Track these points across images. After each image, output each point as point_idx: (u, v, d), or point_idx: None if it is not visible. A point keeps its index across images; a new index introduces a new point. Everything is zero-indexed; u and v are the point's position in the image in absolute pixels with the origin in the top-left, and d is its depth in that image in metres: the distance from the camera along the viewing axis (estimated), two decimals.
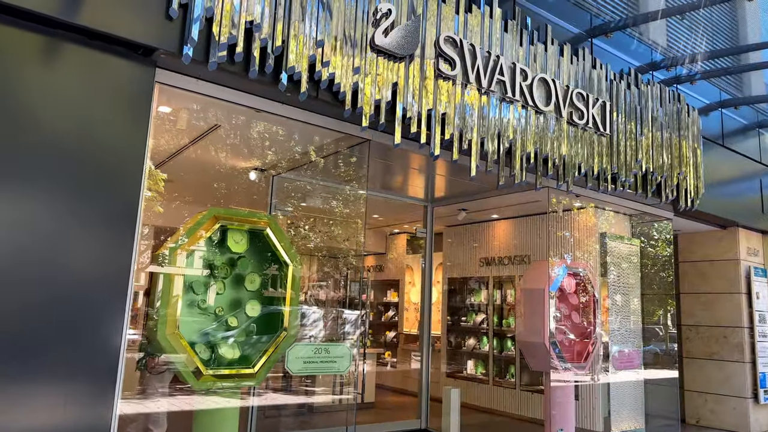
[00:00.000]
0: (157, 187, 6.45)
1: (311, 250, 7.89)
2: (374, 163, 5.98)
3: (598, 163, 5.92)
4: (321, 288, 7.89)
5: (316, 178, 5.84)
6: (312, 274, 7.98)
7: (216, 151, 5.51)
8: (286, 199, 6.17)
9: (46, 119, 3.17)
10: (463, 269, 9.52)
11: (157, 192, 6.15)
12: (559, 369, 6.30)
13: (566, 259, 7.41)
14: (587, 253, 7.49)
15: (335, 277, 7.88)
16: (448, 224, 9.75)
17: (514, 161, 5.19)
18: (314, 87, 3.95)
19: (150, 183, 6.67)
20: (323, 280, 7.96)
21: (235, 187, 6.40)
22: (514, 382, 8.33)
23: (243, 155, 5.64)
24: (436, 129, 4.56)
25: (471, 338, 9.27)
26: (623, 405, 7.28)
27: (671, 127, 6.86)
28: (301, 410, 7.84)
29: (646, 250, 8.09)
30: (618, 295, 7.48)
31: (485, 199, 7.39)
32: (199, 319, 4.18)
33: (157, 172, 6.50)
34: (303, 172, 5.88)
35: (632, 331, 7.56)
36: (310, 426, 7.39)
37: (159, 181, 6.49)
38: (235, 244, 4.32)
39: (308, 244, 7.70)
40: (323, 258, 8.07)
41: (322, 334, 6.63)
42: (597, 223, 7.54)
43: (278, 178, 6.08)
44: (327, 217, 6.72)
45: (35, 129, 3.13)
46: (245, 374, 4.15)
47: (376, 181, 7.09)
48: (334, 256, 7.51)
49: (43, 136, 3.15)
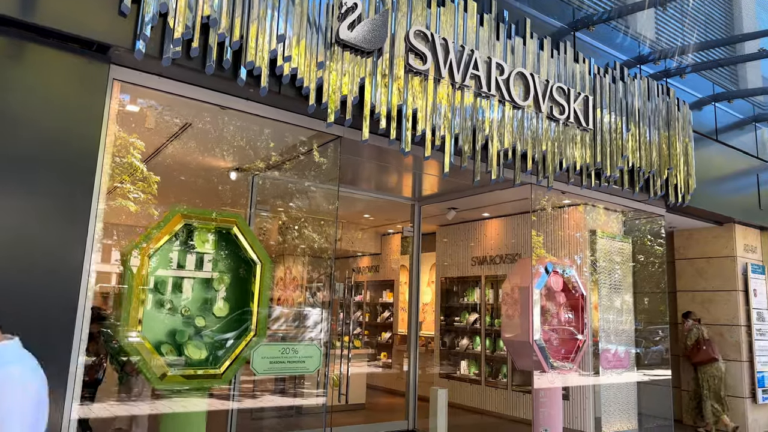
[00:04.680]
0: (151, 189, 6.42)
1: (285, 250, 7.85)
2: (355, 162, 5.92)
3: (580, 159, 5.81)
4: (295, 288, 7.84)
5: (291, 178, 5.78)
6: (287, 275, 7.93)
7: (189, 150, 5.47)
8: (264, 199, 6.13)
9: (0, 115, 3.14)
10: (456, 269, 9.43)
11: (150, 194, 6.11)
12: (545, 368, 6.18)
13: (552, 257, 7.30)
14: (576, 252, 7.37)
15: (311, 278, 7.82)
16: (441, 224, 9.66)
17: (491, 157, 5.10)
18: (276, 82, 3.89)
19: (143, 185, 6.64)
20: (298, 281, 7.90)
21: (216, 187, 6.37)
22: (507, 382, 8.22)
23: (216, 154, 5.60)
24: (407, 125, 4.48)
25: (464, 338, 9.17)
26: (615, 405, 7.15)
27: (660, 121, 6.73)
28: (289, 412, 7.79)
29: (639, 248, 7.95)
30: (609, 294, 7.36)
31: (473, 197, 7.30)
32: (166, 319, 4.13)
33: (150, 174, 6.48)
34: (280, 172, 5.83)
35: (623, 330, 7.42)
36: (298, 427, 7.32)
37: (152, 184, 6.45)
38: (202, 243, 4.27)
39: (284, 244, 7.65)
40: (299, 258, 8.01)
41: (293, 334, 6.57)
42: (587, 221, 7.42)
43: (256, 178, 6.03)
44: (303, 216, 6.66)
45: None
46: (211, 375, 4.10)
47: (361, 180, 7.03)
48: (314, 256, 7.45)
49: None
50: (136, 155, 6.35)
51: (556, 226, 7.67)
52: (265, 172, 5.96)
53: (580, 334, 6.75)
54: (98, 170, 3.43)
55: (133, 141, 6.26)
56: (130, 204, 6.38)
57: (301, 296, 7.91)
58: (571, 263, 6.98)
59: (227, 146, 5.31)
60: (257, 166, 5.79)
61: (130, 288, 3.88)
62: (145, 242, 3.93)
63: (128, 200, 6.40)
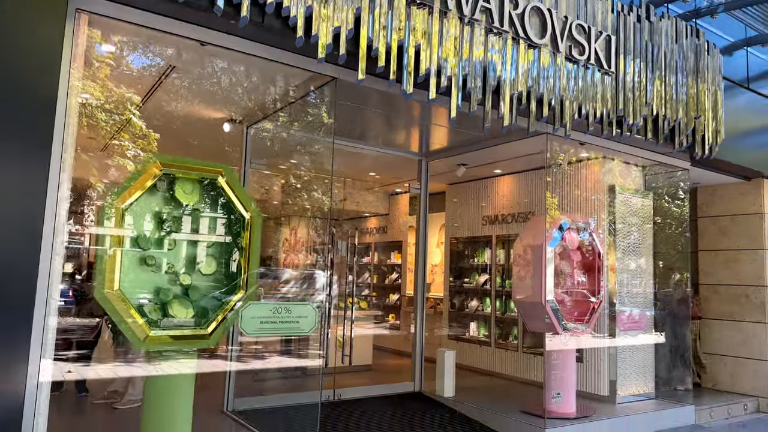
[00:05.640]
0: (151, 147, 6.05)
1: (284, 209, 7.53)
2: (355, 111, 5.50)
3: (601, 105, 5.33)
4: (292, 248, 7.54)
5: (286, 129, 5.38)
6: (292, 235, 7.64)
7: (176, 99, 5.09)
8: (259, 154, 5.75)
9: None
10: (466, 229, 9.06)
11: (151, 152, 5.75)
12: (557, 330, 5.87)
13: (568, 214, 6.89)
14: (594, 209, 6.95)
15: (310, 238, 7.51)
16: (451, 182, 9.25)
17: (503, 102, 4.65)
18: (259, 12, 3.46)
19: (143, 143, 6.25)
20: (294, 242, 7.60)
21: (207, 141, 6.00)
22: (517, 344, 7.95)
23: (205, 103, 5.21)
24: (409, 64, 4.05)
25: (474, 300, 8.88)
26: (631, 368, 6.84)
27: (688, 66, 6.19)
28: (295, 373, 7.61)
29: (661, 205, 7.50)
30: (627, 253, 6.96)
31: (484, 151, 6.85)
32: (149, 277, 3.83)
33: (150, 132, 6.10)
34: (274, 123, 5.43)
35: (642, 290, 7.05)
36: (303, 388, 7.14)
37: (152, 141, 6.09)
38: (185, 195, 3.92)
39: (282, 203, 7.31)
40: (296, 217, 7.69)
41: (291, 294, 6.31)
42: (605, 175, 6.97)
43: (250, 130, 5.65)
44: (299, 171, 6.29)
45: None
46: (197, 336, 3.81)
47: (363, 132, 6.61)
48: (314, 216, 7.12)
49: None
50: (134, 111, 5.98)
51: (573, 182, 7.23)
52: (258, 123, 5.57)
53: (596, 294, 6.40)
54: (59, 119, 3.06)
55: (130, 96, 5.88)
56: (128, 163, 6.02)
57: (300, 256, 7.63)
58: (587, 221, 6.57)
59: (215, 93, 4.92)
60: (250, 115, 5.40)
61: (103, 244, 3.57)
62: (119, 195, 3.60)
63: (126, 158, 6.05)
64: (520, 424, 5.42)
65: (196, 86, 4.88)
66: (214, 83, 4.75)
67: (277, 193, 8.02)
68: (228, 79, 4.71)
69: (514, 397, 6.67)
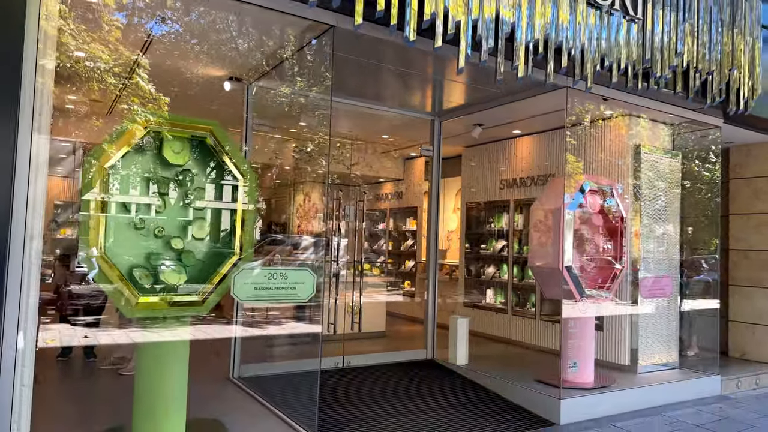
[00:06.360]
0: (162, 112, 5.83)
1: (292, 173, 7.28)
2: (361, 68, 5.18)
3: (626, 55, 4.91)
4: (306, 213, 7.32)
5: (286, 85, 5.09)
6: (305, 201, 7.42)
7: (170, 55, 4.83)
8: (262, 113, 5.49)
9: None
10: (483, 193, 8.74)
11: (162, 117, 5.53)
12: (576, 297, 5.58)
13: (591, 176, 6.51)
14: (618, 169, 6.56)
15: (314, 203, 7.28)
16: (467, 144, 8.89)
17: (518, 52, 4.28)
18: None
19: (152, 108, 6.01)
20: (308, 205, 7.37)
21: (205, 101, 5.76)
22: (535, 311, 7.69)
23: (199, 58, 4.94)
24: (412, 7, 3.70)
25: (491, 266, 8.61)
26: (654, 337, 6.54)
27: (723, 12, 5.67)
28: (305, 339, 7.51)
29: (690, 166, 7.05)
30: (653, 218, 6.58)
31: (500, 109, 6.43)
32: (139, 240, 3.65)
33: (159, 95, 5.87)
34: (273, 80, 5.14)
35: (667, 255, 6.69)
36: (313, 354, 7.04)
37: (162, 106, 5.87)
38: (174, 155, 3.70)
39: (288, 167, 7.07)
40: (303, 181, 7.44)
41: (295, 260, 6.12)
42: (630, 135, 6.54)
43: (251, 88, 5.38)
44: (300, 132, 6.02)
45: None
46: (190, 302, 3.65)
47: (371, 91, 6.28)
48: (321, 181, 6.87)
49: None
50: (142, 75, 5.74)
51: (596, 143, 6.82)
52: (259, 81, 5.29)
53: (618, 260, 6.07)
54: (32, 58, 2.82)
55: (137, 58, 5.64)
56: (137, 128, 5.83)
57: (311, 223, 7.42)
58: (610, 183, 6.19)
59: (210, 48, 4.65)
60: (250, 72, 5.12)
61: (86, 207, 3.39)
62: (101, 154, 3.39)
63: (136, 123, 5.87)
64: (534, 393, 5.21)
65: (189, 41, 4.61)
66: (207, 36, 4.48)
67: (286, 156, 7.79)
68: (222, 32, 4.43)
69: (529, 366, 6.45)
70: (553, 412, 4.96)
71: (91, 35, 4.11)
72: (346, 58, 4.69)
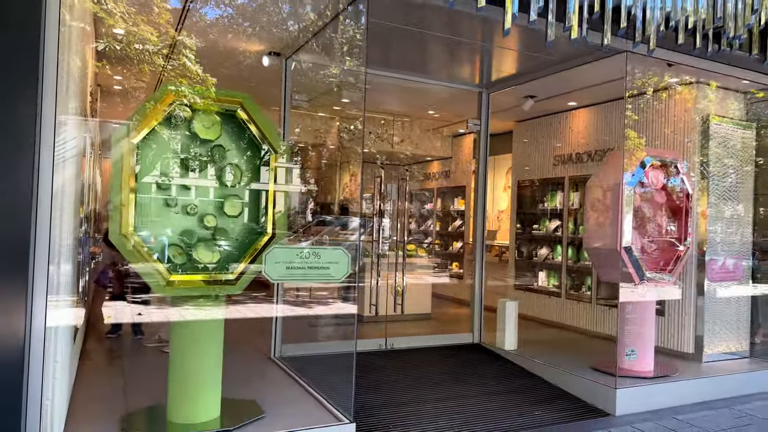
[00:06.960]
0: (209, 93, 5.81)
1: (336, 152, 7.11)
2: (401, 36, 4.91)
3: (693, 13, 4.42)
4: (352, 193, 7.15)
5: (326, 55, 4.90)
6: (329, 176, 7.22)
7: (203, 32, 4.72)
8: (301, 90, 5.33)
9: None
10: (536, 170, 8.32)
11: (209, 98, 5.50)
12: (635, 280, 5.19)
13: (653, 149, 6.02)
14: (684, 143, 6.03)
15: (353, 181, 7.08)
16: (518, 119, 8.47)
17: (572, 11, 3.91)
18: None
19: (200, 89, 5.99)
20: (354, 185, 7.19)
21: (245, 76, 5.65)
22: (591, 295, 7.29)
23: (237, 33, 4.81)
24: None
25: (543, 247, 8.22)
26: (722, 323, 6.04)
27: None
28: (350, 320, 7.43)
29: (765, 139, 6.42)
30: (722, 196, 6.03)
31: (553, 78, 5.97)
32: (173, 218, 3.58)
33: (207, 76, 5.84)
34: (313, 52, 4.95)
35: (738, 236, 6.13)
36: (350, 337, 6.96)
37: (210, 87, 5.84)
38: (205, 130, 3.59)
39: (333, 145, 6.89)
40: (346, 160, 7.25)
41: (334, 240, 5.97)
42: (698, 104, 5.99)
43: (289, 62, 5.22)
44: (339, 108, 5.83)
45: None
46: (224, 281, 3.56)
47: (413, 63, 5.98)
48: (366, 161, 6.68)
49: None
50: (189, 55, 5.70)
51: (657, 115, 6.30)
52: (297, 54, 5.12)
53: (683, 241, 5.61)
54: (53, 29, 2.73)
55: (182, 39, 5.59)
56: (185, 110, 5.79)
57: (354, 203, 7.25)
58: (675, 154, 5.69)
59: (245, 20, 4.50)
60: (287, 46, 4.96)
61: (116, 184, 3.33)
62: (131, 131, 3.31)
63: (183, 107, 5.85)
64: (587, 382, 4.89)
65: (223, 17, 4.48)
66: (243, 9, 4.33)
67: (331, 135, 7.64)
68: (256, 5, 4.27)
69: (583, 353, 6.10)
70: (608, 401, 4.63)
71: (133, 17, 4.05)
72: (385, 25, 4.45)
